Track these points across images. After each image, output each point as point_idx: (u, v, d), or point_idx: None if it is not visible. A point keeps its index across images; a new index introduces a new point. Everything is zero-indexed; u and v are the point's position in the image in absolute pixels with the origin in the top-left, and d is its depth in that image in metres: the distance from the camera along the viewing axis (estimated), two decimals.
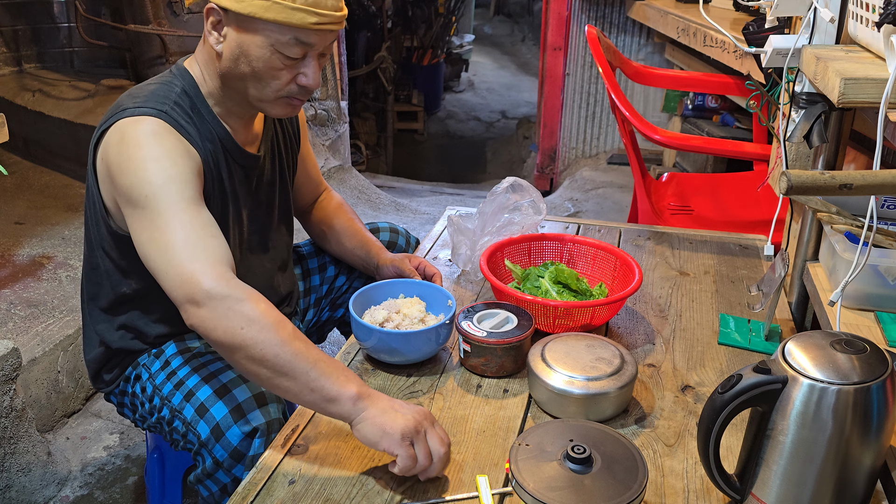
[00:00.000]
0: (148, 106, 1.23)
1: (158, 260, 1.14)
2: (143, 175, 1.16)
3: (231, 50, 1.24)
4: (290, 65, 1.25)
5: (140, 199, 1.16)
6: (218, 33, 1.24)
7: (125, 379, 1.42)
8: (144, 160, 1.17)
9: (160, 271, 1.14)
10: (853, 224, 1.37)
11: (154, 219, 1.15)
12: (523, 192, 1.65)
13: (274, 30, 1.20)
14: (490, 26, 10.77)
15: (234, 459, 1.20)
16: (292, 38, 1.21)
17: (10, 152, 3.58)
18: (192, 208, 1.17)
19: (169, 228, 1.14)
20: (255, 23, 1.20)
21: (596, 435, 1.01)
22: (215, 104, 1.32)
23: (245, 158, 1.38)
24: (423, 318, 1.36)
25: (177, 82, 1.30)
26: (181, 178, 1.18)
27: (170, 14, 3.36)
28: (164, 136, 1.21)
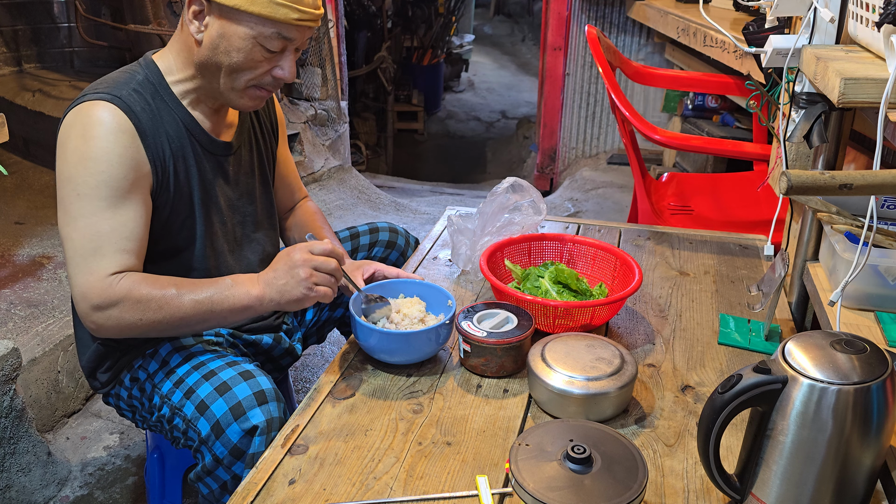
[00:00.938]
0: (107, 91, 1.26)
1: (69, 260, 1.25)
2: (80, 171, 1.22)
3: (212, 39, 1.26)
4: (268, 58, 1.28)
5: (64, 192, 1.23)
6: (199, 22, 1.27)
7: (119, 382, 1.42)
8: (85, 157, 1.22)
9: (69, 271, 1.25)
10: (853, 224, 1.37)
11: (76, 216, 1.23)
12: (523, 192, 1.65)
13: (258, 23, 1.24)
14: (490, 26, 10.77)
15: (233, 456, 1.21)
16: (275, 32, 1.25)
17: (10, 152, 3.58)
18: (115, 214, 1.23)
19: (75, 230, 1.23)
20: (240, 15, 1.23)
21: (596, 435, 1.01)
22: (185, 93, 1.34)
23: (215, 146, 1.40)
24: (423, 318, 1.36)
25: (140, 71, 1.33)
26: (112, 182, 1.23)
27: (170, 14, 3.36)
28: (109, 130, 1.24)
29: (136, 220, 1.25)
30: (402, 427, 1.18)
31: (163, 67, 1.34)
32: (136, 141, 1.26)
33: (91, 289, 1.21)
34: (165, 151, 1.31)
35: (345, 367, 1.34)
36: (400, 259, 1.78)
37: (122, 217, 1.24)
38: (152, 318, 1.23)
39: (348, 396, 1.25)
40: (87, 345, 1.42)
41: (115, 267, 1.22)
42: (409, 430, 1.17)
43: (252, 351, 1.51)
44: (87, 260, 1.22)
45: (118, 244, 1.23)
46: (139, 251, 1.27)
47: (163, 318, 1.23)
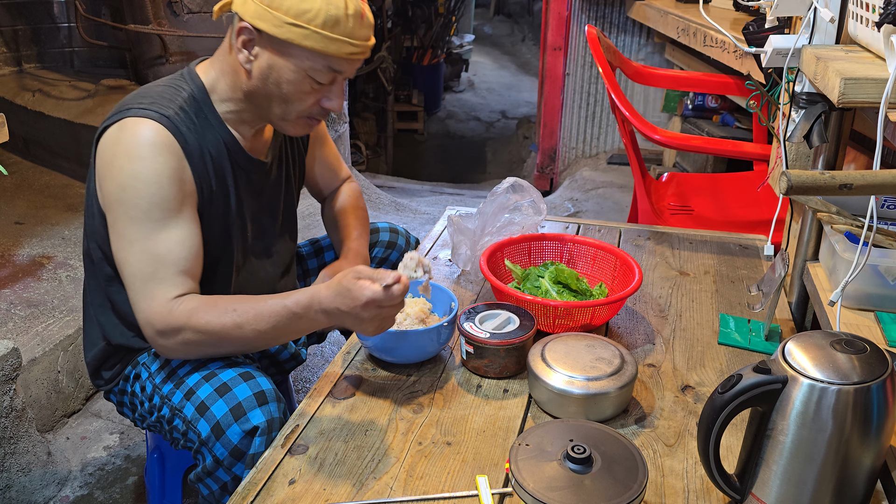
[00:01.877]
0: (152, 109, 1.24)
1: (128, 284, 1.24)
2: (128, 193, 1.21)
3: (261, 70, 1.26)
4: (317, 89, 1.28)
5: (120, 214, 1.22)
6: (248, 52, 1.25)
7: (124, 378, 1.42)
8: (133, 177, 1.20)
9: (130, 296, 1.24)
10: (853, 224, 1.37)
11: (132, 241, 1.21)
12: (523, 193, 1.65)
13: (309, 57, 1.23)
14: (490, 26, 10.77)
15: (234, 458, 1.21)
16: (326, 65, 1.24)
17: (10, 152, 3.58)
18: (169, 235, 1.22)
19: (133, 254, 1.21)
20: (292, 48, 1.22)
21: (596, 435, 1.01)
22: (227, 112, 1.33)
23: (251, 164, 1.39)
24: (425, 319, 1.36)
25: (185, 86, 1.31)
26: (163, 204, 1.22)
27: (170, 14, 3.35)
28: (157, 150, 1.22)
29: (190, 239, 1.25)
30: (402, 427, 1.18)
31: (207, 84, 1.32)
32: (182, 161, 1.25)
33: (154, 315, 1.20)
34: (209, 170, 1.30)
35: (345, 367, 1.34)
36: (400, 259, 1.78)
37: (176, 237, 1.23)
38: (216, 349, 1.24)
39: (348, 396, 1.25)
40: (94, 342, 1.42)
41: (176, 290, 1.21)
42: (409, 430, 1.17)
43: (258, 355, 1.52)
44: (147, 285, 1.21)
45: (176, 266, 1.22)
46: (196, 269, 1.26)
47: (227, 350, 1.25)
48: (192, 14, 3.38)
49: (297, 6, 1.19)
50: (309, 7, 1.19)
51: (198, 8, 3.38)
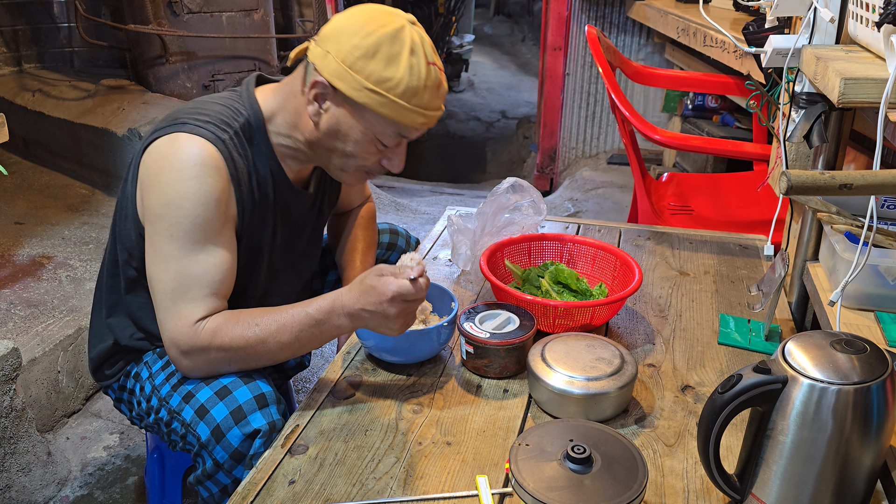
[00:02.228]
0: (208, 129, 1.23)
1: (157, 300, 1.23)
2: (173, 210, 1.19)
3: (330, 126, 1.25)
4: (381, 150, 1.28)
5: (159, 228, 1.20)
6: (319, 105, 1.24)
7: (125, 374, 1.42)
8: (179, 196, 1.19)
9: (157, 312, 1.24)
10: (853, 224, 1.37)
11: (168, 258, 1.20)
12: (524, 193, 1.65)
13: (380, 122, 1.22)
14: (490, 26, 10.77)
15: (234, 461, 1.20)
16: (395, 131, 1.24)
17: (10, 152, 3.58)
18: (206, 257, 1.21)
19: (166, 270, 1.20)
20: (365, 111, 1.21)
21: (596, 435, 1.01)
22: (280, 145, 1.32)
23: (294, 194, 1.39)
24: (425, 319, 1.36)
25: (244, 111, 1.29)
26: (206, 226, 1.20)
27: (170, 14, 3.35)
28: (207, 172, 1.20)
29: (226, 262, 1.23)
30: (402, 427, 1.18)
31: (266, 113, 1.30)
32: (229, 186, 1.24)
33: (179, 335, 1.20)
34: (253, 197, 1.30)
35: (345, 367, 1.34)
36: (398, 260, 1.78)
37: (212, 259, 1.21)
38: (242, 364, 1.23)
39: (348, 396, 1.25)
40: (101, 339, 1.42)
41: (203, 312, 1.20)
42: (409, 430, 1.17)
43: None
44: (176, 304, 1.20)
45: (208, 287, 1.21)
46: (226, 290, 1.25)
47: (253, 364, 1.24)
48: (192, 14, 3.38)
49: (381, 73, 1.18)
50: (392, 76, 1.18)
51: (198, 8, 3.38)
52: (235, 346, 1.19)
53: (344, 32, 1.19)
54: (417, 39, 1.20)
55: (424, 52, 1.20)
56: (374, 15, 1.20)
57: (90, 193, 3.30)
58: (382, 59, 1.17)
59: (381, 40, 1.17)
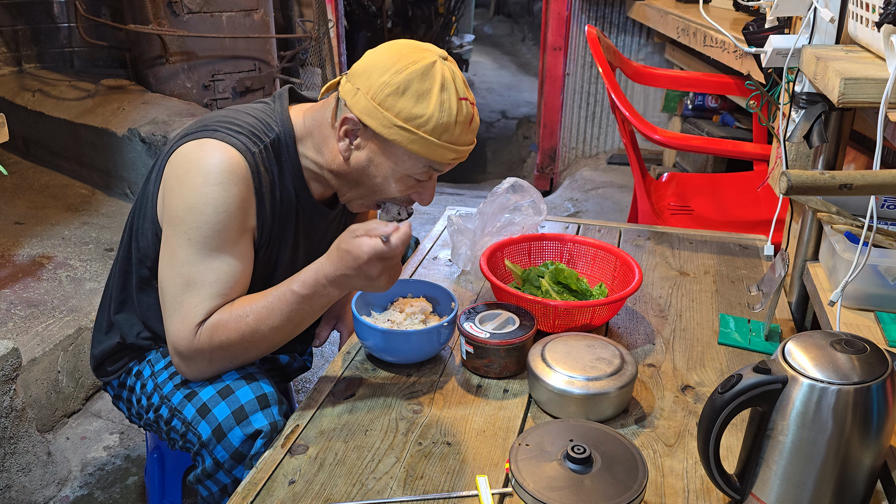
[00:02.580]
0: (240, 140, 1.23)
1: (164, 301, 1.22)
2: (195, 215, 1.18)
3: (360, 162, 1.25)
4: (412, 186, 1.27)
5: (180, 233, 1.19)
6: (350, 141, 1.24)
7: (127, 371, 1.42)
8: (201, 199, 1.18)
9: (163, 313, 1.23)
10: (853, 224, 1.37)
11: (183, 262, 1.19)
12: (524, 193, 1.65)
13: (411, 159, 1.22)
14: (490, 26, 10.77)
15: (235, 460, 1.20)
16: (426, 166, 1.23)
17: (10, 152, 3.58)
18: (221, 265, 1.20)
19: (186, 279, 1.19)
20: (396, 149, 1.22)
21: (596, 435, 1.01)
22: (308, 168, 1.32)
23: (317, 213, 1.39)
24: (425, 319, 1.36)
25: (276, 127, 1.29)
26: (224, 234, 1.20)
27: (170, 14, 3.35)
28: (232, 181, 1.20)
29: (238, 271, 1.23)
30: (402, 427, 1.18)
31: (298, 134, 1.30)
32: (251, 199, 1.24)
33: (181, 339, 1.19)
34: (275, 214, 1.30)
35: (345, 368, 1.34)
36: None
37: (226, 267, 1.21)
38: (242, 359, 1.23)
39: (348, 396, 1.25)
40: (106, 336, 1.42)
41: (203, 312, 1.19)
42: (409, 430, 1.17)
43: (267, 367, 1.52)
44: (181, 307, 1.19)
45: (215, 295, 1.20)
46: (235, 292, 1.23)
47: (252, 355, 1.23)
48: (192, 14, 3.38)
49: (410, 110, 1.17)
50: (422, 113, 1.17)
51: (198, 8, 3.38)
52: (233, 340, 1.19)
53: (375, 69, 1.19)
54: (448, 75, 1.19)
55: (455, 88, 1.20)
56: (406, 52, 1.20)
57: (90, 193, 3.30)
58: (412, 95, 1.17)
59: (412, 77, 1.17)
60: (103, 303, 1.45)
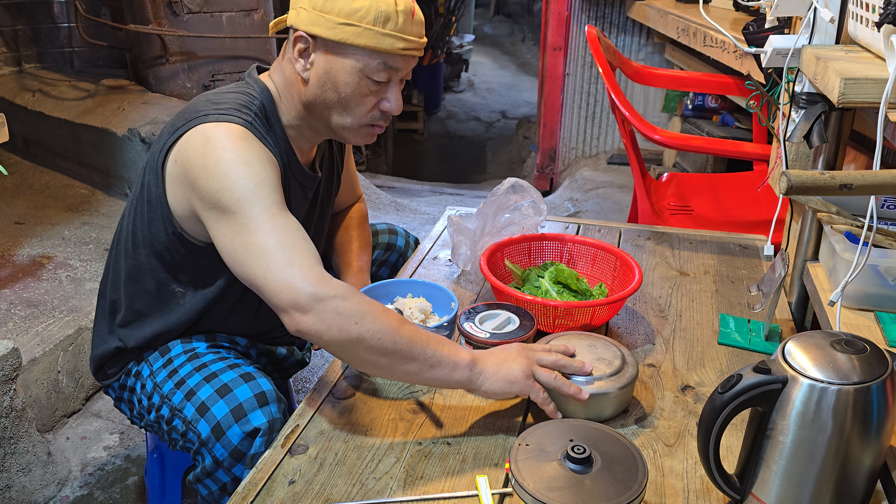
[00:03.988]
0: (231, 114, 1.23)
1: (255, 267, 1.14)
2: (233, 179, 1.16)
3: (319, 77, 1.26)
4: (375, 90, 1.28)
5: (230, 203, 1.16)
6: (305, 61, 1.26)
7: (126, 373, 1.42)
8: (234, 163, 1.17)
9: (257, 277, 1.13)
10: (853, 224, 1.37)
11: (247, 223, 1.15)
12: (524, 193, 1.65)
13: (364, 55, 1.23)
14: (490, 26, 10.77)
15: (234, 459, 1.20)
16: (381, 62, 1.24)
17: (10, 152, 3.58)
18: (282, 213, 1.18)
19: (263, 233, 1.14)
20: (346, 49, 1.23)
21: (596, 435, 1.01)
22: (287, 125, 1.34)
23: (306, 178, 1.40)
24: (425, 319, 1.36)
25: (256, 95, 1.31)
26: (269, 183, 1.18)
27: (170, 14, 3.35)
28: (250, 142, 1.21)
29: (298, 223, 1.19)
30: (402, 427, 1.18)
31: (273, 96, 1.33)
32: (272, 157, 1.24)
33: (300, 279, 1.10)
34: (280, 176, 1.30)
35: (345, 367, 1.34)
36: (400, 260, 1.78)
37: (287, 214, 1.18)
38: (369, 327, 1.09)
39: (348, 396, 1.25)
40: (105, 341, 1.42)
41: (312, 258, 1.13)
42: (409, 430, 1.17)
43: (265, 361, 1.52)
44: (283, 254, 1.12)
45: (301, 237, 1.15)
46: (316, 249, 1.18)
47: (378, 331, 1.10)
48: (192, 14, 3.38)
49: (348, 6, 1.20)
50: (359, 6, 1.20)
51: (198, 8, 3.38)
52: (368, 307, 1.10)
53: None
54: None
55: None
56: None
57: (90, 193, 3.30)
58: None
59: None
60: (100, 312, 1.45)
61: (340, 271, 1.61)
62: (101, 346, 1.43)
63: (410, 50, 1.25)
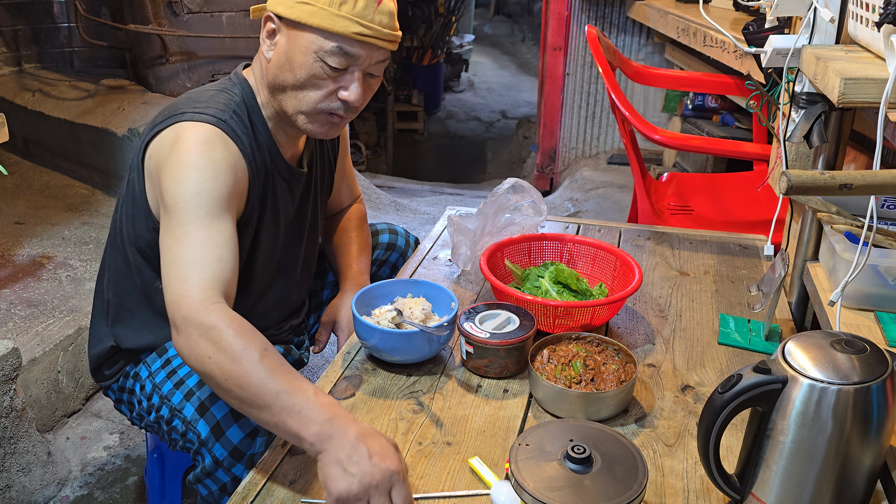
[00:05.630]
0: (208, 113, 1.24)
1: (164, 271, 1.16)
2: (181, 181, 1.18)
3: (278, 56, 1.26)
4: (332, 76, 1.25)
5: (171, 204, 1.18)
6: (271, 41, 1.27)
7: (124, 375, 1.42)
8: (188, 166, 1.19)
9: (163, 282, 1.15)
10: (853, 224, 1.37)
11: (175, 227, 1.17)
12: (524, 193, 1.65)
13: (320, 35, 1.22)
14: (490, 26, 10.77)
15: (234, 458, 1.20)
16: (336, 46, 1.22)
17: (10, 152, 3.58)
18: (213, 226, 1.17)
19: (182, 241, 1.15)
20: (302, 29, 1.23)
21: (596, 435, 1.01)
22: (268, 117, 1.34)
23: (291, 174, 1.39)
24: (425, 319, 1.36)
25: (236, 91, 1.32)
26: (214, 193, 1.19)
27: (170, 14, 3.35)
28: (214, 147, 1.21)
29: (230, 236, 1.19)
30: (402, 427, 1.18)
31: (254, 88, 1.33)
32: (240, 160, 1.25)
33: (182, 298, 1.10)
34: (259, 175, 1.31)
35: (345, 368, 1.34)
36: (400, 260, 1.78)
37: (218, 228, 1.17)
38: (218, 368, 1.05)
39: (348, 396, 1.25)
40: (101, 340, 1.42)
41: (209, 281, 1.12)
42: (409, 430, 1.17)
43: None
44: (181, 267, 1.13)
45: (213, 253, 1.15)
46: (232, 269, 1.17)
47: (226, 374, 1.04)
48: (192, 14, 3.38)
49: None
50: None
51: (198, 8, 3.38)
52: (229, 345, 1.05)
53: None
54: None
55: None
56: None
57: (90, 193, 3.30)
58: None
59: None
60: (97, 312, 1.45)
61: (340, 273, 1.61)
62: (97, 345, 1.44)
63: (369, 37, 1.22)
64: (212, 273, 1.14)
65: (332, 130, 1.32)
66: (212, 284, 1.12)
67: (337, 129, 1.33)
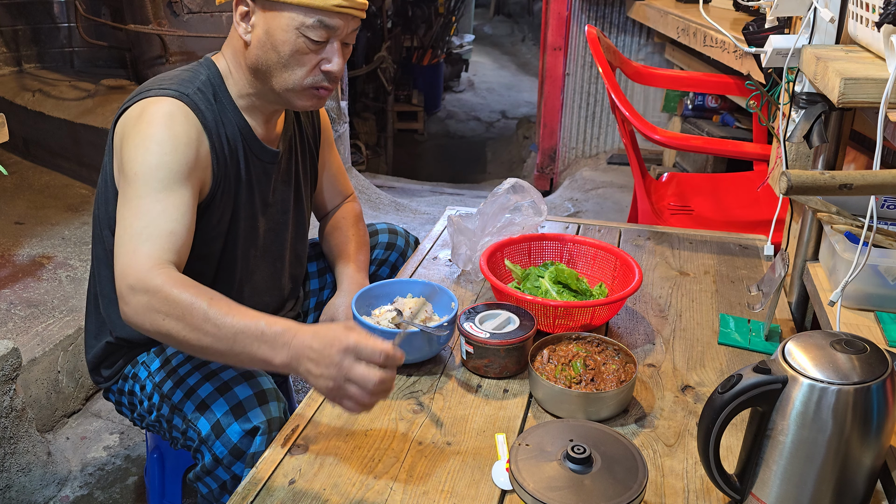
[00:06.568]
0: (172, 88, 1.27)
1: (117, 241, 1.18)
2: (141, 152, 1.20)
3: (259, 38, 1.28)
4: (314, 49, 1.28)
5: (130, 174, 1.20)
6: (246, 24, 1.29)
7: (123, 377, 1.42)
8: (149, 138, 1.21)
9: (115, 252, 1.17)
10: (853, 224, 1.37)
11: (131, 198, 1.19)
12: (524, 193, 1.65)
13: (299, 12, 1.24)
14: (490, 26, 10.77)
15: (233, 456, 1.20)
16: (316, 20, 1.25)
17: (10, 152, 3.58)
18: (168, 199, 1.19)
19: (135, 213, 1.18)
20: (281, 6, 1.24)
21: (596, 435, 1.01)
22: (238, 97, 1.36)
23: (264, 153, 1.40)
24: (425, 319, 1.36)
25: (202, 70, 1.34)
26: (173, 166, 1.21)
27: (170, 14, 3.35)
28: (176, 120, 1.24)
29: (188, 213, 1.21)
30: (402, 427, 1.18)
31: (222, 71, 1.35)
32: (201, 134, 1.27)
33: (129, 268, 1.13)
34: (225, 150, 1.32)
35: None
36: (400, 260, 1.78)
37: (176, 203, 1.20)
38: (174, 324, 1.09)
39: None
40: (96, 338, 1.43)
41: (158, 252, 1.14)
42: (409, 430, 1.17)
43: None
44: (133, 240, 1.15)
45: (166, 226, 1.17)
46: (184, 247, 1.20)
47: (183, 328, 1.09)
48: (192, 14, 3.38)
49: None
50: None
51: (198, 8, 3.38)
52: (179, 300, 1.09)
53: None
54: None
55: None
56: None
57: (90, 193, 3.30)
58: None
59: None
60: (88, 305, 1.46)
61: (337, 272, 1.61)
62: (93, 345, 1.44)
63: (345, 8, 1.25)
64: (161, 244, 1.16)
65: (320, 102, 1.36)
66: (160, 255, 1.15)
67: (323, 101, 1.37)
